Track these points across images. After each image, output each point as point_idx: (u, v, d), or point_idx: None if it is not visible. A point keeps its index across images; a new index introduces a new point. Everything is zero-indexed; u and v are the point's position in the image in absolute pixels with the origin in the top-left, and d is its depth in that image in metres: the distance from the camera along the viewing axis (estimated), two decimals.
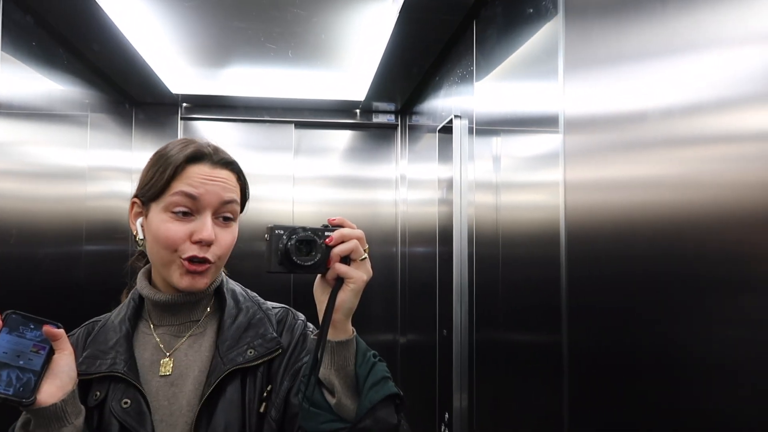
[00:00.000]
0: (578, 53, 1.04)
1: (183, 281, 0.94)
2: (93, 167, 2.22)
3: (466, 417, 1.68)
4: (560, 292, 1.06)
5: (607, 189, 0.93)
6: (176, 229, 0.93)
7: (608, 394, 0.92)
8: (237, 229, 1.01)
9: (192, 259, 0.93)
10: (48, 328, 0.85)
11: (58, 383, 0.84)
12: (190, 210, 0.94)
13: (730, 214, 0.66)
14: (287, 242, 0.86)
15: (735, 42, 0.67)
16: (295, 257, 0.85)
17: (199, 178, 0.94)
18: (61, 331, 0.86)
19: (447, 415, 1.82)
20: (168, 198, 0.94)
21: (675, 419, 0.76)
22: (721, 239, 0.68)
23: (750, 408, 0.64)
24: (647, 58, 0.83)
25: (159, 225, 0.94)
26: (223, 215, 0.97)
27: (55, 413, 0.83)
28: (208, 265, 0.95)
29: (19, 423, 0.88)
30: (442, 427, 1.89)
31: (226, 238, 0.97)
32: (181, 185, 0.94)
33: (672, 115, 0.77)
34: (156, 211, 0.95)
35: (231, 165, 1.00)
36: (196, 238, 0.93)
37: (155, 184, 0.95)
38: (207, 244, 0.93)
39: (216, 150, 0.99)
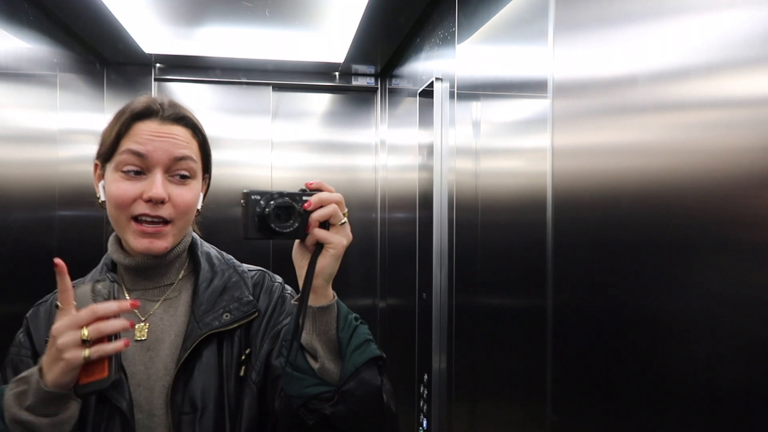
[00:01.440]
0: (569, 15, 1.02)
1: (139, 244, 0.92)
2: (64, 130, 2.15)
3: (445, 378, 1.71)
4: (546, 258, 1.07)
5: (596, 155, 0.93)
6: (126, 188, 0.91)
7: (591, 357, 0.93)
8: (198, 188, 0.98)
9: (142, 219, 0.91)
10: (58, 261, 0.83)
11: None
12: (141, 168, 0.92)
13: (718, 180, 0.67)
14: (264, 208, 0.84)
15: (725, 5, 0.66)
16: (273, 224, 0.84)
17: (146, 135, 0.92)
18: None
19: (426, 377, 1.85)
20: (117, 157, 0.92)
21: (657, 381, 0.78)
22: (708, 205, 0.68)
23: (729, 365, 0.66)
24: (638, 21, 0.82)
25: (110, 185, 0.92)
26: (179, 173, 0.94)
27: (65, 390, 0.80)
28: (162, 227, 0.93)
29: (11, 395, 0.81)
30: (421, 388, 1.92)
31: (183, 196, 0.94)
32: (128, 143, 0.91)
33: (662, 79, 0.76)
34: (110, 171, 0.94)
35: (183, 120, 0.97)
36: (146, 196, 0.90)
37: (105, 142, 0.94)
38: (158, 202, 0.91)
39: (169, 105, 0.96)
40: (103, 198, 0.96)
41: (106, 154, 0.94)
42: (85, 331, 0.77)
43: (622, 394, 0.84)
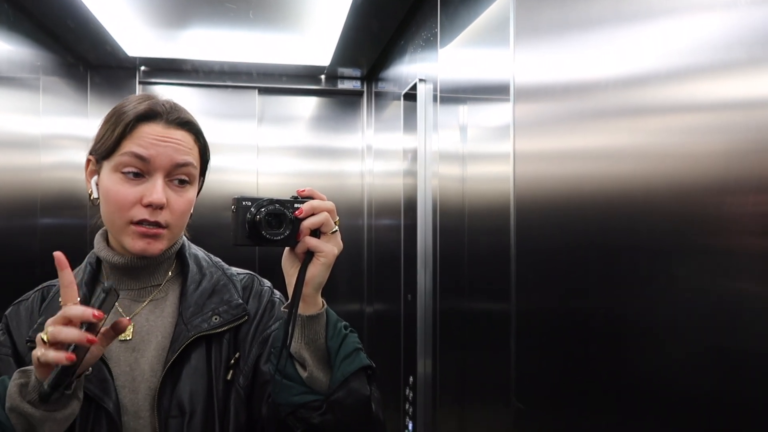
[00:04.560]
0: (529, 20, 1.03)
1: (136, 245, 0.91)
2: (47, 135, 2.12)
3: (430, 382, 1.72)
4: (509, 262, 1.08)
5: (557, 160, 0.94)
6: (126, 191, 0.89)
7: (552, 359, 0.94)
8: (194, 194, 0.98)
9: (142, 223, 0.90)
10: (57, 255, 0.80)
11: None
12: (141, 171, 0.90)
13: (682, 184, 0.67)
14: (255, 215, 0.84)
15: (686, 10, 0.67)
16: (263, 231, 0.83)
17: (150, 138, 0.90)
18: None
19: (411, 379, 1.86)
20: (118, 158, 0.90)
21: (617, 382, 0.78)
22: (672, 209, 0.69)
23: (689, 369, 0.67)
24: (597, 27, 0.83)
25: (109, 186, 0.91)
26: (178, 178, 0.93)
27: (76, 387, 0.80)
28: (160, 230, 0.92)
29: (15, 385, 0.80)
30: (407, 390, 1.93)
31: (180, 202, 0.93)
32: (131, 145, 0.90)
33: (622, 85, 0.77)
34: (107, 170, 0.92)
35: (188, 125, 0.95)
36: (145, 201, 0.89)
37: (106, 142, 0.92)
38: (158, 207, 0.90)
39: (173, 108, 0.95)
40: (96, 195, 0.95)
41: (105, 152, 0.92)
42: (43, 335, 0.76)
43: (588, 407, 0.85)
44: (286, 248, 0.87)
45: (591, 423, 0.85)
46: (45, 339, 0.75)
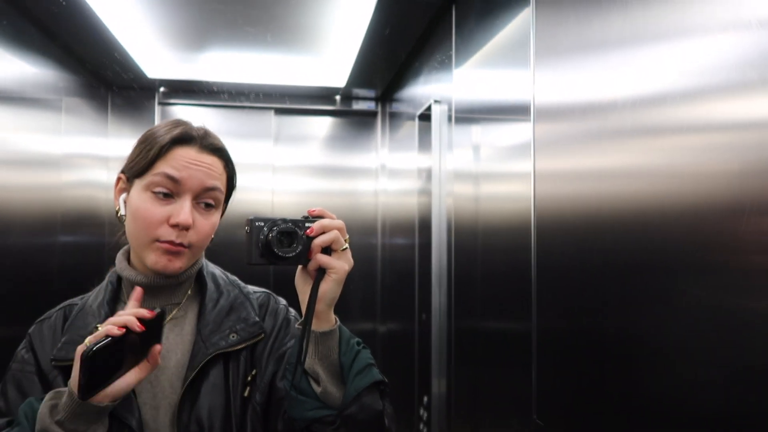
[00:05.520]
0: (549, 41, 1.05)
1: (158, 262, 0.93)
2: (68, 155, 2.17)
3: (444, 402, 1.70)
4: (530, 282, 1.08)
5: (576, 179, 0.94)
6: (155, 210, 0.92)
7: (574, 379, 0.94)
8: (218, 217, 1.01)
9: (169, 243, 0.93)
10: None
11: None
12: (171, 192, 0.93)
13: (700, 204, 0.67)
14: (268, 234, 0.86)
15: (703, 31, 0.68)
16: (276, 249, 0.85)
17: (183, 161, 0.93)
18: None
19: (426, 398, 1.84)
20: (150, 177, 0.93)
21: (635, 400, 0.78)
22: (690, 229, 0.69)
23: (710, 386, 0.66)
24: (617, 48, 0.84)
25: (139, 204, 0.94)
26: (205, 201, 0.96)
27: (104, 411, 0.82)
28: (183, 249, 0.94)
29: (46, 406, 0.82)
30: (421, 410, 1.91)
31: (205, 224, 0.96)
32: (164, 166, 0.93)
33: (641, 104, 0.78)
34: (138, 188, 0.95)
35: (219, 151, 0.99)
36: (173, 221, 0.92)
37: (140, 162, 0.95)
38: (184, 228, 0.93)
39: (206, 134, 0.98)
40: (123, 212, 0.97)
41: (138, 171, 0.95)
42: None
43: (609, 425, 0.84)
44: (299, 266, 0.89)
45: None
46: (98, 326, 0.82)
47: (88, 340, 0.79)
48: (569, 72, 0.96)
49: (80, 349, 0.79)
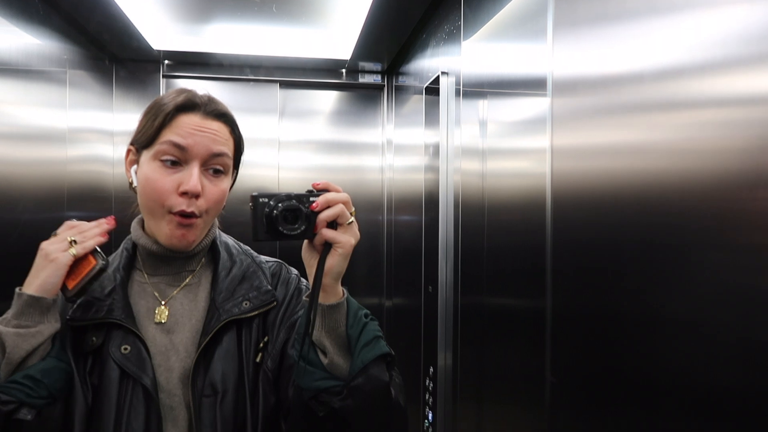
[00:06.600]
0: (568, 12, 1.02)
1: (172, 238, 0.95)
2: (73, 129, 2.16)
3: (450, 375, 1.72)
4: (545, 258, 1.07)
5: (595, 155, 0.93)
6: (164, 179, 0.93)
7: (589, 356, 0.94)
8: (228, 183, 1.01)
9: (180, 214, 0.94)
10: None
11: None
12: (179, 159, 0.94)
13: (721, 180, 0.66)
14: (272, 211, 0.86)
15: (728, 1, 0.66)
16: (281, 226, 0.85)
17: (188, 128, 0.94)
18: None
19: (432, 369, 1.86)
20: (157, 146, 0.94)
21: (653, 379, 0.78)
22: (710, 206, 0.68)
23: (726, 365, 0.66)
24: (640, 18, 0.82)
25: (148, 174, 0.95)
26: (213, 167, 0.97)
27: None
28: (194, 219, 0.95)
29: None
30: (427, 381, 1.93)
31: (214, 191, 0.97)
32: (170, 134, 0.94)
33: (664, 78, 0.76)
34: (146, 158, 0.96)
35: (224, 117, 0.99)
36: (182, 189, 0.93)
37: (146, 131, 0.96)
38: (193, 195, 0.93)
39: (210, 100, 0.99)
40: (135, 183, 0.99)
41: (146, 141, 0.96)
42: (68, 236, 0.91)
43: (622, 399, 0.84)
44: (305, 240, 0.89)
45: (627, 420, 0.84)
46: (72, 238, 0.91)
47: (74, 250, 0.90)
48: (590, 44, 0.94)
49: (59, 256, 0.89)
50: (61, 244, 0.90)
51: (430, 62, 2.05)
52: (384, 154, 2.90)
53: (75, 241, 0.90)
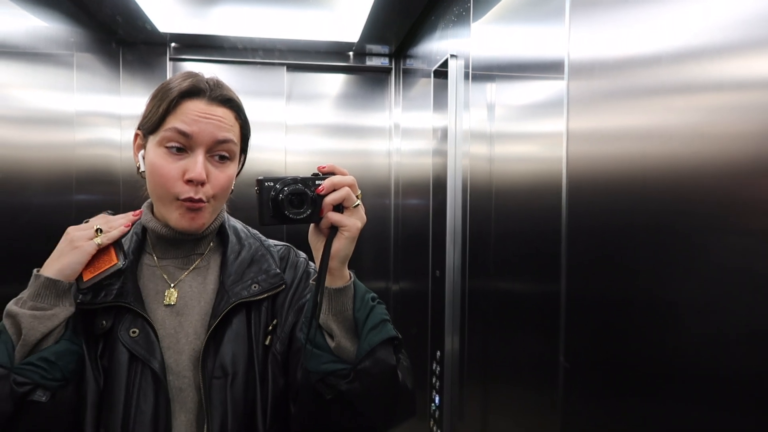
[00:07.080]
0: None
1: (181, 223, 0.96)
2: (81, 112, 2.16)
3: (457, 359, 1.73)
4: (560, 244, 1.06)
5: (612, 139, 0.91)
6: (169, 166, 0.94)
7: (603, 341, 0.93)
8: (235, 169, 1.01)
9: (188, 200, 0.95)
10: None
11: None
12: (184, 146, 0.94)
13: (739, 165, 0.65)
14: (278, 194, 0.85)
15: None
16: (286, 211, 0.85)
17: (192, 115, 0.94)
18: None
19: (439, 353, 1.87)
20: (162, 133, 0.94)
21: (667, 365, 0.77)
22: (726, 191, 0.67)
23: (740, 351, 0.66)
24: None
25: (154, 160, 0.95)
26: (219, 154, 0.97)
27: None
28: (202, 204, 0.95)
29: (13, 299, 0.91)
30: (434, 365, 1.94)
31: (220, 177, 0.97)
32: (174, 121, 0.94)
33: (682, 60, 0.74)
34: (152, 144, 0.96)
35: (229, 102, 0.99)
36: (187, 176, 0.93)
37: (152, 117, 0.96)
38: (198, 183, 0.93)
39: (216, 85, 0.98)
40: (143, 168, 0.99)
41: (151, 127, 0.96)
42: (96, 224, 0.93)
43: (636, 384, 0.84)
44: (312, 224, 0.88)
45: (641, 407, 0.84)
46: (98, 227, 0.92)
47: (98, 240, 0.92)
48: (608, 25, 0.92)
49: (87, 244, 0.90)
50: (87, 231, 0.91)
51: (438, 45, 2.02)
52: (392, 138, 2.88)
53: (101, 230, 0.91)
